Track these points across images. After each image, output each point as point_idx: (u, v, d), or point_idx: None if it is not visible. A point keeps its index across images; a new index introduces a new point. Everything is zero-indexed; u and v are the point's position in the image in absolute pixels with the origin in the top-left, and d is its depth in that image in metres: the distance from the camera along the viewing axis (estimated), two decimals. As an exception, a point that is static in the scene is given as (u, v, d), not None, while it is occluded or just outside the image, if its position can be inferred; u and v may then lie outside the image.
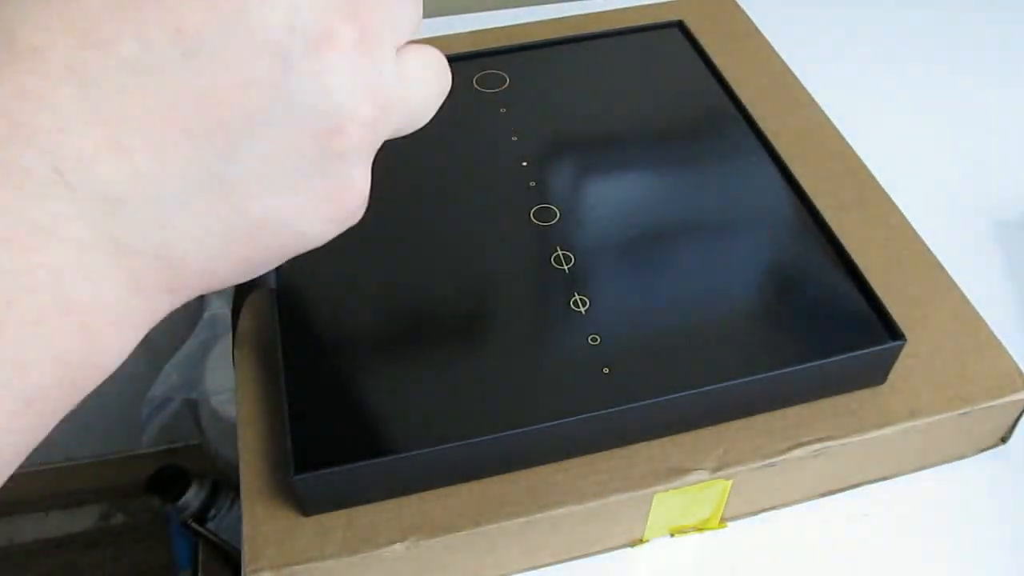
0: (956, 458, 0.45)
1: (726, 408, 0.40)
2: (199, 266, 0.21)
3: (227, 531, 0.99)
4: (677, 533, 0.42)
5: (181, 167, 0.19)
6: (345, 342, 0.42)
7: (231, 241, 0.21)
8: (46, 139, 0.18)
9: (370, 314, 0.44)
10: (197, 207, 0.20)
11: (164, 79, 0.18)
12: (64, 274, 0.18)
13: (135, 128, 0.18)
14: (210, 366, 0.85)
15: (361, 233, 0.50)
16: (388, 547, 0.37)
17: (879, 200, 0.50)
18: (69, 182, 0.18)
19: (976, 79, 0.67)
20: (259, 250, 0.22)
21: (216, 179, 0.20)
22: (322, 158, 0.21)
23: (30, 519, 1.28)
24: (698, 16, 0.62)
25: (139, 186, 0.19)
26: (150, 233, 0.19)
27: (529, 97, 0.55)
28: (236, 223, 0.21)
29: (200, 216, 0.20)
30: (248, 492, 0.39)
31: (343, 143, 0.21)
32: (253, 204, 0.21)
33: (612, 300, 0.43)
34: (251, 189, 0.20)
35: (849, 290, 0.43)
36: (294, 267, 0.46)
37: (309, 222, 0.22)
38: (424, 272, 0.45)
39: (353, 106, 0.21)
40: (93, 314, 0.19)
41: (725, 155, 0.51)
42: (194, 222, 0.20)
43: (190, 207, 0.20)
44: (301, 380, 0.40)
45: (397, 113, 0.23)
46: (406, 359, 0.42)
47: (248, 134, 0.20)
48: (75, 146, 0.18)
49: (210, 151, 0.19)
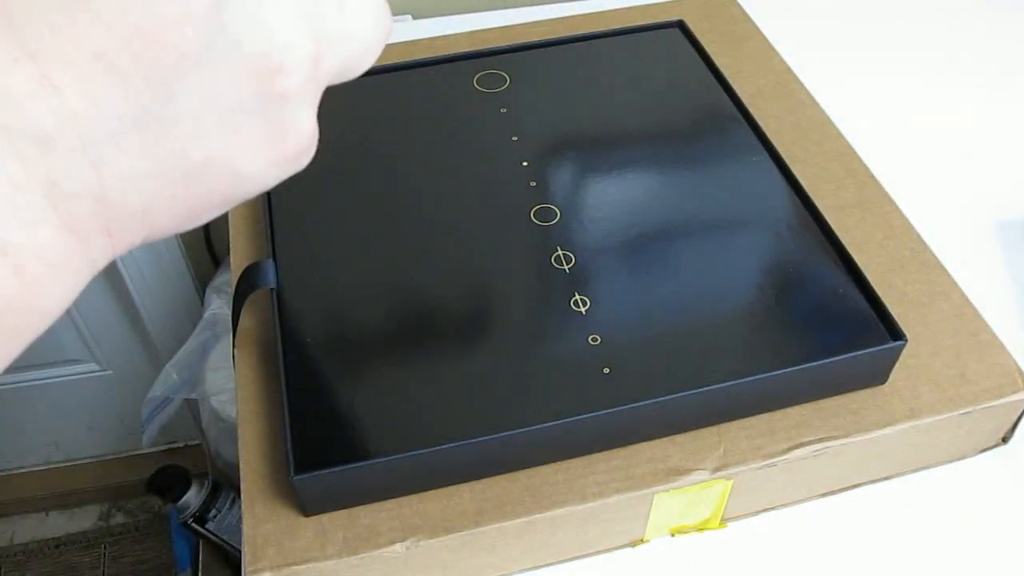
0: (956, 458, 0.45)
1: (726, 408, 0.40)
2: (137, 208, 0.20)
3: (227, 531, 0.99)
4: (677, 533, 0.42)
5: (114, 106, 0.18)
6: (345, 342, 0.42)
7: (169, 183, 0.20)
8: None
9: (370, 314, 0.44)
10: (132, 147, 0.19)
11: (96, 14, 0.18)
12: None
13: (65, 65, 0.18)
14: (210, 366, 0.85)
15: (361, 233, 0.50)
16: (388, 547, 0.37)
17: (879, 200, 0.50)
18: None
19: (976, 79, 0.67)
20: (200, 194, 0.21)
21: (152, 118, 0.19)
22: (262, 97, 0.20)
23: (30, 519, 1.28)
24: (698, 16, 0.62)
25: (71, 126, 0.18)
26: (85, 174, 0.19)
27: (529, 97, 0.55)
28: (174, 164, 0.20)
29: (136, 157, 0.19)
30: (248, 492, 0.39)
31: (284, 82, 0.21)
32: (191, 145, 0.20)
33: (612, 300, 0.43)
34: (188, 129, 0.20)
35: (849, 290, 0.43)
36: (294, 267, 0.46)
37: (250, 165, 0.22)
38: (424, 272, 0.45)
39: (293, 43, 0.20)
40: (28, 257, 0.18)
41: (725, 155, 0.51)
42: (130, 163, 0.19)
43: (125, 147, 0.19)
44: (301, 380, 0.40)
45: (340, 52, 0.22)
46: (406, 359, 0.42)
47: (183, 72, 0.19)
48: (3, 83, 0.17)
49: (144, 89, 0.19)
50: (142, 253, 0.94)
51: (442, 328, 0.43)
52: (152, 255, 0.96)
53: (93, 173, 0.19)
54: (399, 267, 0.45)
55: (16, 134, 0.18)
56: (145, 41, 0.18)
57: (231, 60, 0.20)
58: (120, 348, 1.08)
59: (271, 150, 0.22)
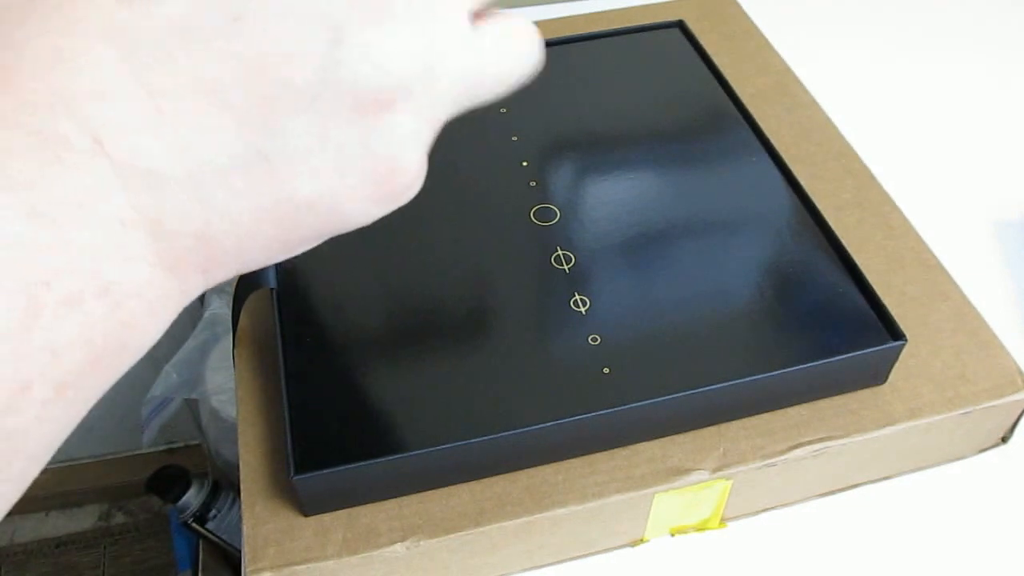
0: (956, 458, 0.45)
1: (726, 408, 0.40)
2: (236, 246, 0.19)
3: (227, 531, 0.99)
4: (677, 533, 0.42)
5: (225, 142, 0.18)
6: (345, 342, 0.42)
7: (272, 221, 0.20)
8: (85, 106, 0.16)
9: (370, 314, 0.44)
10: (239, 184, 0.18)
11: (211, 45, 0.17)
12: (102, 253, 0.17)
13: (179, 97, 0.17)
14: (210, 366, 0.85)
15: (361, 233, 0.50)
16: (388, 547, 0.37)
17: (879, 200, 0.50)
18: (110, 154, 0.17)
19: (976, 79, 0.67)
20: (299, 229, 0.20)
21: (261, 155, 0.18)
22: (370, 134, 0.19)
23: (30, 519, 1.28)
24: (698, 16, 0.62)
25: (182, 160, 0.17)
26: (192, 211, 0.18)
27: (529, 97, 0.55)
28: (278, 203, 0.19)
29: (242, 195, 0.19)
30: (248, 492, 0.39)
31: (393, 119, 0.20)
32: (298, 185, 0.19)
33: (612, 300, 0.43)
34: (296, 167, 0.19)
35: (849, 290, 0.43)
36: (294, 267, 0.46)
37: (353, 203, 0.20)
38: (424, 272, 0.45)
39: (405, 79, 0.19)
40: (128, 296, 0.18)
41: (725, 155, 0.51)
42: (235, 200, 0.19)
43: (232, 184, 0.18)
44: (301, 380, 0.40)
45: (461, 87, 0.21)
46: (406, 359, 0.42)
47: (296, 110, 0.18)
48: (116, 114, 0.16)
49: (256, 126, 0.18)
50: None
51: (442, 328, 0.43)
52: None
53: (200, 211, 0.18)
54: (399, 267, 0.45)
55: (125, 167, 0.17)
56: (260, 77, 0.18)
57: (344, 99, 0.19)
58: (120, 348, 1.08)
59: (376, 188, 0.21)
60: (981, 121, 0.64)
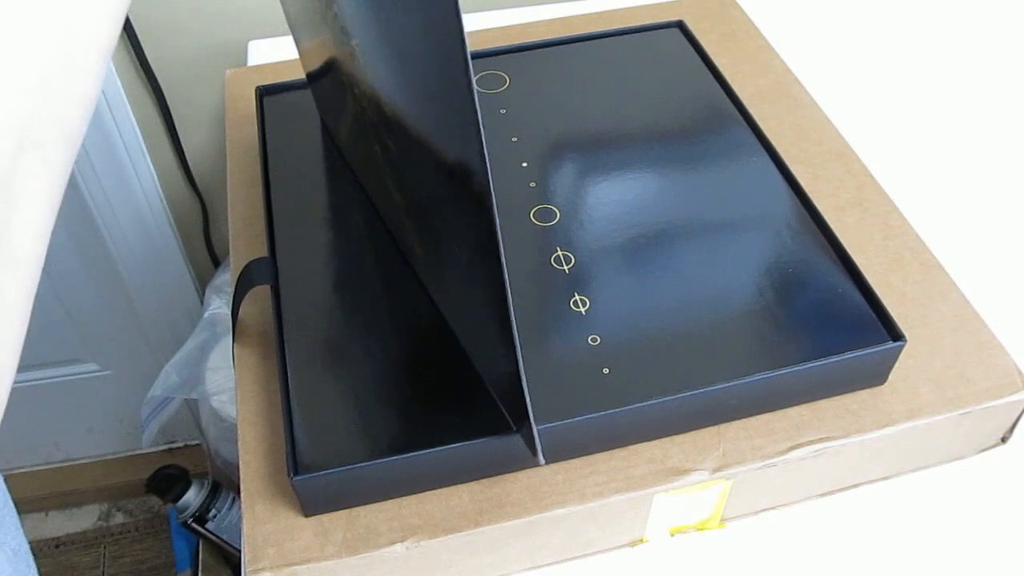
0: (956, 458, 0.45)
1: (726, 408, 0.40)
2: None
3: (227, 531, 0.99)
4: (677, 533, 0.42)
5: None
6: (345, 342, 0.42)
7: None
8: None
9: (370, 314, 0.44)
10: None
11: None
12: None
13: None
14: (210, 366, 0.85)
15: (361, 233, 0.50)
16: (388, 547, 0.37)
17: (878, 200, 0.50)
18: None
19: (976, 79, 0.67)
20: None
21: None
22: None
23: (30, 519, 1.28)
24: (698, 16, 0.62)
25: None
26: None
27: (529, 97, 0.55)
28: None
29: None
30: (248, 492, 0.39)
31: None
32: None
33: (612, 300, 0.43)
34: None
35: (849, 290, 0.43)
36: (293, 266, 0.46)
37: None
38: (424, 272, 0.45)
39: None
40: None
41: (725, 155, 0.51)
42: None
43: None
44: (301, 380, 0.40)
45: None
46: (406, 359, 0.42)
47: None
48: None
49: None
50: (142, 253, 0.94)
51: (442, 328, 0.43)
52: (152, 255, 0.95)
53: None
54: (399, 267, 0.45)
55: None
56: None
57: None
58: (120, 348, 1.08)
59: None
60: (981, 121, 0.64)
